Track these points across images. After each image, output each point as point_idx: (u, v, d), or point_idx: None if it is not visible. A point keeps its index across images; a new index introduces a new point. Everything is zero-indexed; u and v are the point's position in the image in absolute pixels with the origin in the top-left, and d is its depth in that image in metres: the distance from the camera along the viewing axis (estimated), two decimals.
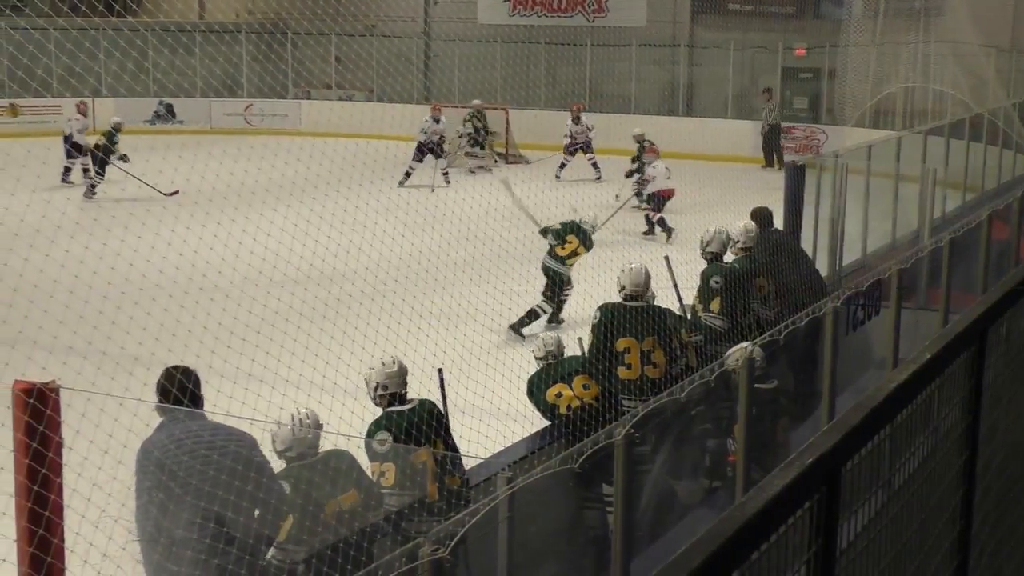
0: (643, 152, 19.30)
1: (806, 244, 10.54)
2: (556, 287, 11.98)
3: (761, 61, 27.64)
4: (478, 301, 9.83)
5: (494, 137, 24.54)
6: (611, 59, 28.58)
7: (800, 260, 9.75)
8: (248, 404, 5.02)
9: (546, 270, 12.06)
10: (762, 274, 8.85)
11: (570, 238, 11.98)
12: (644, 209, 18.04)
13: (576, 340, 7.92)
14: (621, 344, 7.26)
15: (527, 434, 7.12)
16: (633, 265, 7.67)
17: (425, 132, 21.72)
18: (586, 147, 22.91)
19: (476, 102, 24.83)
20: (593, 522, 6.51)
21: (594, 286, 8.99)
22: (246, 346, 6.48)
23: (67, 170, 20.67)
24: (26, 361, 5.28)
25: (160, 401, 4.86)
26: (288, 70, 30.03)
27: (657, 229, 17.46)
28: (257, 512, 4.74)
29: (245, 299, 7.66)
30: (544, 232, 12.13)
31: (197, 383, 4.90)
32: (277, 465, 5.18)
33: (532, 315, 11.70)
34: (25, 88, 26.23)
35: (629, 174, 19.90)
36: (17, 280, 6.84)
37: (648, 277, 7.62)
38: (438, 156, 21.59)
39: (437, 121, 21.92)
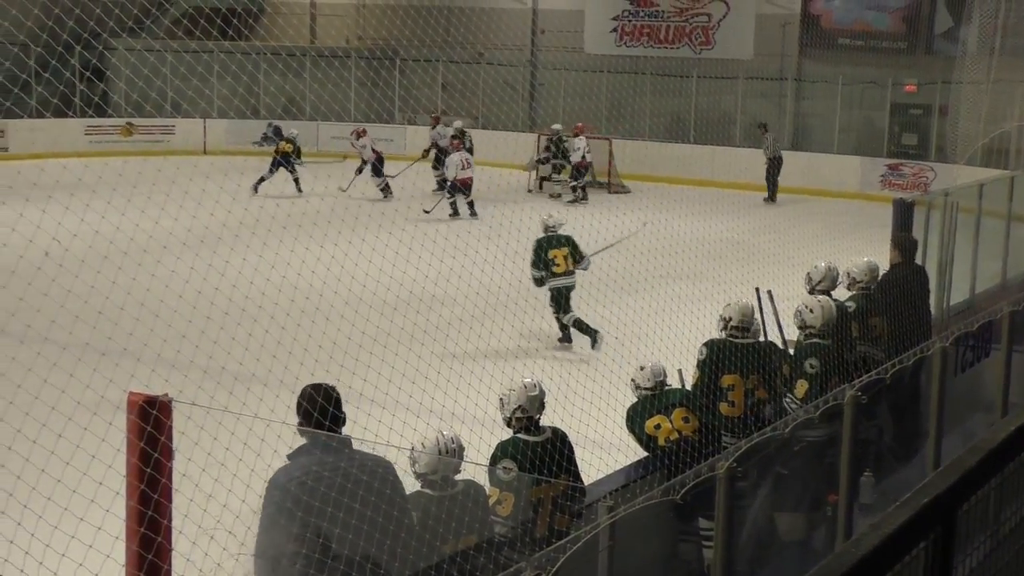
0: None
1: None
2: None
3: (870, 96, 27.35)
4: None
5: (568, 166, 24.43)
6: (717, 91, 28.50)
7: (923, 298, 9.46)
8: (359, 424, 5.07)
9: None
10: (877, 313, 8.68)
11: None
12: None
13: (676, 372, 7.91)
14: (726, 380, 7.23)
15: (624, 464, 7.12)
16: (741, 300, 7.66)
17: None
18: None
19: (556, 127, 25.11)
20: (689, 556, 6.47)
21: (695, 319, 8.96)
22: (358, 366, 6.59)
23: (387, 187, 22.59)
24: (150, 374, 5.44)
25: (301, 422, 4.80)
26: (395, 95, 30.43)
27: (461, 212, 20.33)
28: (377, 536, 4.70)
29: (359, 320, 7.80)
30: None
31: (339, 403, 4.82)
32: (410, 485, 5.13)
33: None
34: (142, 108, 27.00)
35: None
36: (144, 295, 7.07)
37: (753, 311, 7.60)
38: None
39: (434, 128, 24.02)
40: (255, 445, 4.85)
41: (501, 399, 5.91)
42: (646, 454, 7.03)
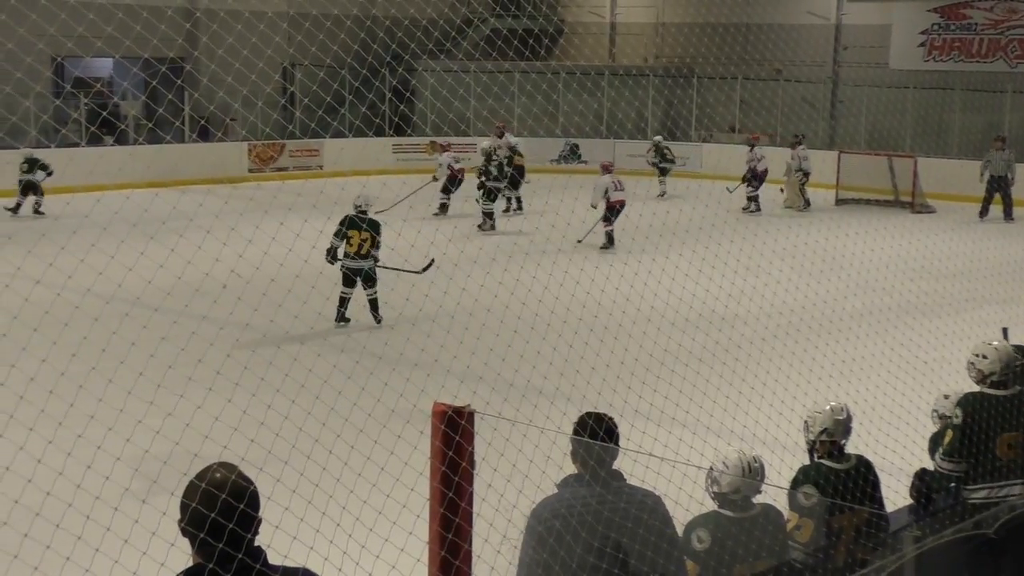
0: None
1: None
2: None
3: None
4: (882, 354, 9.53)
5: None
6: None
7: None
8: (633, 440, 5.00)
9: None
10: None
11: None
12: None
13: None
14: None
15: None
16: None
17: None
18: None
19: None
20: None
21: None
22: (644, 387, 6.55)
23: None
24: (439, 389, 5.54)
25: (575, 451, 4.69)
26: (692, 113, 30.32)
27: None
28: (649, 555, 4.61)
29: (646, 340, 7.73)
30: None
31: (610, 431, 4.67)
32: (704, 505, 5.03)
33: None
34: (444, 127, 27.97)
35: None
36: (436, 310, 7.26)
37: None
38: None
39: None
40: (540, 460, 4.85)
41: (806, 421, 5.72)
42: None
